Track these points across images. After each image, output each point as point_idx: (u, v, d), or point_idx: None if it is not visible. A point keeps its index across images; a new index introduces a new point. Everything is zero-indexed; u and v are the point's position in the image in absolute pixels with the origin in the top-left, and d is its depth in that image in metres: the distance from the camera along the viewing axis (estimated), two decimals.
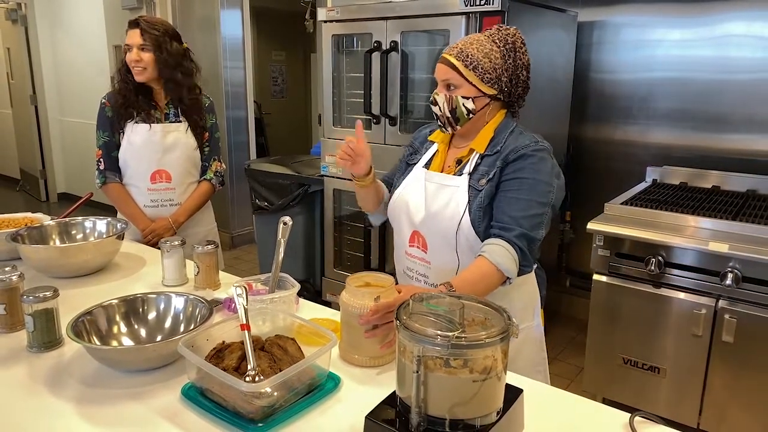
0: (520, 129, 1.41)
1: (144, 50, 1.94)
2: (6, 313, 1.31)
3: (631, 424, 0.99)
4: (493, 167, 1.36)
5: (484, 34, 1.39)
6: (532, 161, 1.33)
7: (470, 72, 1.33)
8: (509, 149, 1.35)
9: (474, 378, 0.79)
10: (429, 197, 1.43)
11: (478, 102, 1.36)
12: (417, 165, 1.51)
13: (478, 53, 1.34)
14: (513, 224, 1.30)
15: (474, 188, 1.37)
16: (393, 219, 1.54)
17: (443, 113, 1.38)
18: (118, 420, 1.02)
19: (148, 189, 2.04)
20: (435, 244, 1.42)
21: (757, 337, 1.94)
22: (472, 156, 1.40)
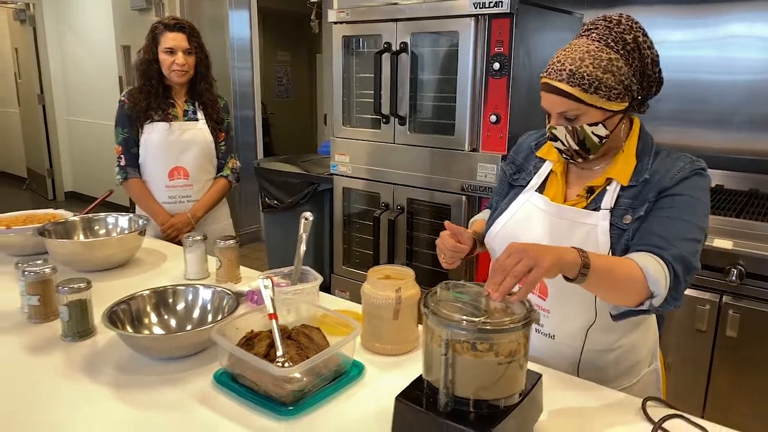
0: (666, 150, 1.19)
1: (188, 54, 2.00)
2: (40, 304, 1.37)
3: (643, 409, 1.04)
4: (640, 200, 1.13)
5: (591, 39, 1.13)
6: (693, 180, 1.12)
7: (592, 96, 1.09)
8: (665, 176, 1.12)
9: (499, 361, 0.84)
10: (555, 235, 1.18)
11: (610, 124, 1.12)
12: (526, 188, 1.28)
13: (595, 69, 1.08)
14: (667, 245, 1.06)
15: (617, 227, 1.13)
16: (495, 248, 1.29)
17: (569, 147, 1.16)
18: (155, 403, 1.07)
19: (166, 185, 2.10)
20: (561, 292, 1.19)
21: (760, 332, 1.99)
22: (612, 188, 1.16)
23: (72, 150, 6.38)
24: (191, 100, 2.12)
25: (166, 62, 2.02)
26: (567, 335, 1.21)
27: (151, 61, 2.04)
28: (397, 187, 2.77)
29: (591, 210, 1.16)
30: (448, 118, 2.57)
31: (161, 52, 2.03)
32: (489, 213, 1.37)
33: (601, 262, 0.98)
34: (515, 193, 1.30)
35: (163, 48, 2.02)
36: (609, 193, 1.15)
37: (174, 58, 2.02)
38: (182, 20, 2.06)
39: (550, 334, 1.23)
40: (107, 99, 5.56)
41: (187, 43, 2.03)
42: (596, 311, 1.17)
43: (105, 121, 5.77)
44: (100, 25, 5.42)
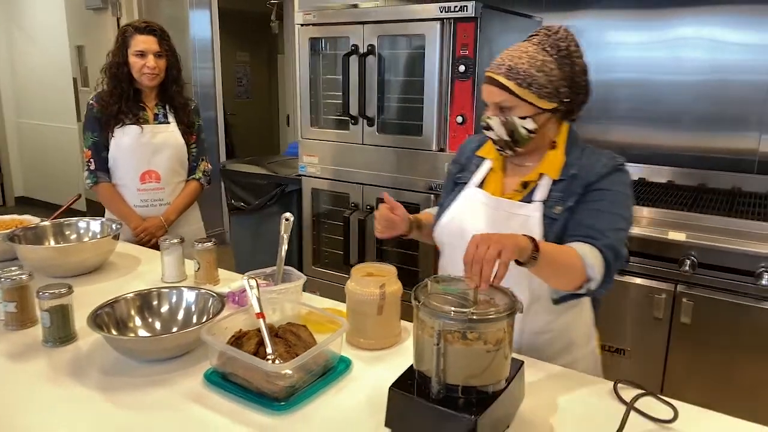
0: (591, 147, 1.31)
1: (159, 57, 1.99)
2: (17, 310, 1.35)
3: (615, 390, 1.11)
4: (569, 193, 1.25)
5: (531, 43, 1.26)
6: (615, 176, 1.25)
7: (525, 90, 1.21)
8: (590, 171, 1.25)
9: (488, 349, 0.90)
10: (494, 225, 1.29)
11: (539, 119, 1.24)
12: (468, 185, 1.38)
13: (530, 67, 1.21)
14: (600, 236, 1.17)
15: (549, 217, 1.24)
16: (443, 242, 1.41)
17: (500, 138, 1.27)
18: (146, 404, 1.08)
19: (138, 189, 2.08)
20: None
21: (712, 318, 2.12)
22: (544, 182, 1.28)
23: (23, 153, 6.15)
24: (162, 103, 2.11)
25: (136, 65, 2.01)
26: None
27: (121, 64, 2.01)
28: (366, 187, 2.82)
29: (525, 202, 1.28)
30: (415, 119, 2.63)
31: (131, 55, 2.01)
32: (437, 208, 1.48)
33: (547, 249, 1.08)
34: (459, 189, 1.40)
35: (133, 51, 2.00)
36: (541, 186, 1.27)
37: (145, 62, 2.00)
38: (153, 23, 2.05)
39: None
40: (61, 100, 5.40)
41: (158, 46, 2.02)
42: (530, 295, 1.27)
43: (59, 123, 5.60)
44: (52, 25, 5.25)
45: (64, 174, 5.65)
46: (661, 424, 1.01)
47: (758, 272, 2.00)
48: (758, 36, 2.61)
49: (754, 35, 2.62)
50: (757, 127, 2.68)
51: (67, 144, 5.50)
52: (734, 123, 2.74)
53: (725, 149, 2.77)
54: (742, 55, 2.66)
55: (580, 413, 1.05)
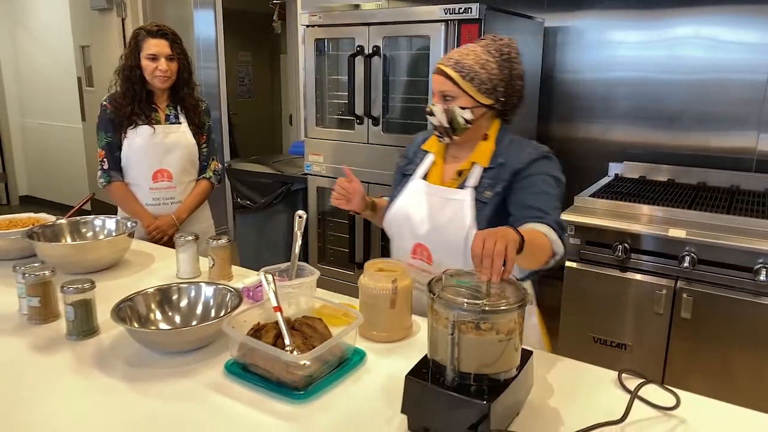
0: (518, 139, 1.46)
1: (171, 60, 2.03)
2: (40, 305, 1.39)
3: (619, 379, 1.16)
4: (499, 180, 1.40)
5: (479, 45, 1.43)
6: (542, 162, 1.40)
7: (467, 83, 1.37)
8: (516, 159, 1.40)
9: (500, 339, 0.95)
10: (433, 211, 1.45)
11: (476, 112, 1.39)
12: (414, 176, 1.54)
13: (474, 64, 1.37)
14: (545, 215, 1.31)
15: (480, 201, 1.40)
16: (392, 230, 1.56)
17: (441, 124, 1.41)
18: (170, 393, 1.13)
19: (150, 188, 2.12)
20: (440, 257, 1.45)
21: (711, 313, 2.17)
22: (475, 170, 1.43)
23: (27, 153, 6.19)
24: (173, 104, 2.15)
25: (148, 68, 2.05)
26: None
27: (134, 67, 2.06)
28: (371, 185, 2.86)
29: (459, 188, 1.43)
30: (420, 119, 2.67)
31: (144, 58, 2.05)
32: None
33: (527, 237, 1.14)
34: (406, 181, 1.55)
35: (145, 54, 2.05)
36: (473, 174, 1.44)
37: (157, 65, 2.04)
38: (165, 27, 2.09)
39: None
40: (65, 100, 5.44)
41: (170, 49, 2.06)
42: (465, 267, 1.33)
43: (63, 122, 5.64)
44: (56, 25, 5.29)
45: (68, 173, 5.69)
46: (664, 411, 1.06)
47: (756, 268, 2.05)
48: (757, 35, 2.66)
49: (752, 34, 2.67)
50: (756, 126, 2.73)
51: (71, 143, 5.54)
52: (733, 122, 2.78)
53: (724, 148, 2.82)
54: (741, 54, 2.71)
55: (586, 401, 1.10)
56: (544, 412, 1.06)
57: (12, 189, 6.20)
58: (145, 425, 1.03)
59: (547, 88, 3.19)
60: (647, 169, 2.94)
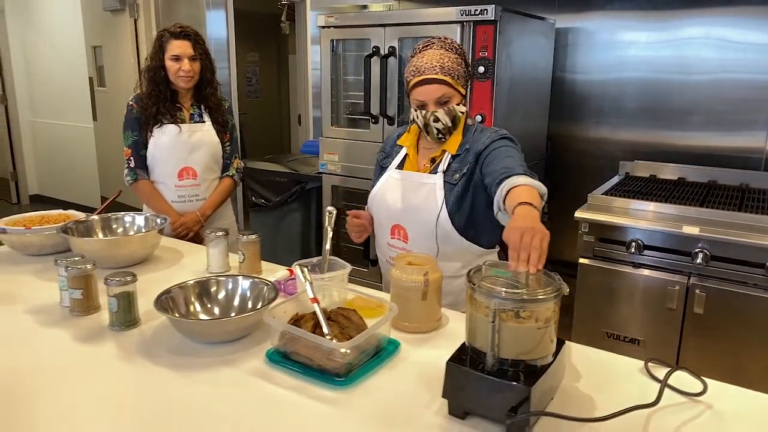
0: (480, 126, 1.65)
1: (194, 60, 2.08)
2: (83, 297, 1.44)
3: (646, 367, 1.21)
4: (465, 163, 1.58)
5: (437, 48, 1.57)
6: (500, 141, 1.57)
7: (456, 81, 1.55)
8: (478, 143, 1.58)
9: (539, 326, 1.00)
10: (408, 195, 1.64)
11: (462, 104, 1.59)
12: (390, 167, 1.72)
13: (453, 64, 1.54)
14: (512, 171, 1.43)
15: (449, 183, 1.59)
16: (374, 215, 1.75)
17: (445, 125, 1.57)
18: (216, 380, 1.18)
19: (176, 185, 2.17)
20: (415, 235, 1.64)
21: (724, 308, 2.22)
22: (445, 156, 1.62)
23: (37, 152, 6.24)
24: (197, 103, 2.20)
25: (172, 69, 2.10)
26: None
27: (158, 68, 2.11)
28: None
29: (431, 174, 1.61)
30: None
31: (167, 59, 2.10)
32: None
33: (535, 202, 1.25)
34: (383, 172, 1.74)
35: (169, 55, 2.10)
36: (443, 161, 1.61)
37: (180, 65, 2.09)
38: (188, 28, 2.14)
39: None
40: (77, 100, 5.49)
41: (192, 50, 2.11)
42: (437, 245, 1.60)
43: (74, 122, 5.69)
44: (68, 25, 5.34)
45: (79, 173, 5.74)
46: (691, 398, 1.11)
47: None
48: (766, 36, 2.70)
49: (761, 35, 2.71)
50: (765, 125, 2.78)
51: (82, 143, 5.59)
52: (742, 122, 2.83)
53: (733, 147, 2.87)
54: (750, 55, 2.75)
55: (615, 387, 1.15)
56: (576, 397, 1.11)
57: (22, 188, 6.25)
58: (194, 408, 1.08)
59: (558, 88, 3.24)
60: (657, 168, 2.99)
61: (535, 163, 3.17)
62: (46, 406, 1.09)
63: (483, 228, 1.63)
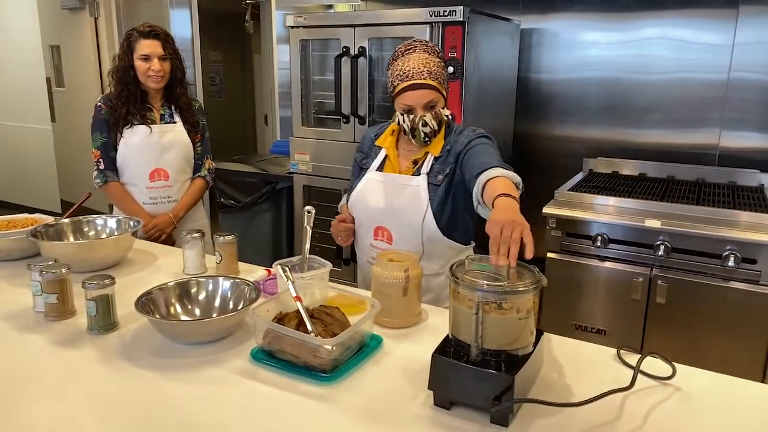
0: (459, 128, 1.68)
1: (164, 60, 2.05)
2: (58, 302, 1.42)
3: (618, 354, 1.27)
4: (447, 164, 1.62)
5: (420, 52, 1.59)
6: (478, 140, 1.60)
7: (442, 86, 1.58)
8: (458, 144, 1.61)
9: (520, 317, 1.04)
10: (391, 196, 1.66)
11: (446, 107, 1.62)
12: (370, 168, 1.73)
13: (437, 68, 1.58)
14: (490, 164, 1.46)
15: (432, 184, 1.62)
16: (354, 216, 1.75)
17: (432, 128, 1.59)
18: (203, 379, 1.18)
19: (147, 187, 2.15)
20: (400, 237, 1.66)
21: (684, 298, 2.33)
22: (428, 158, 1.65)
23: None
24: (167, 104, 2.18)
25: (141, 68, 2.07)
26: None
27: (127, 68, 2.08)
28: None
29: (414, 176, 1.64)
30: None
31: (137, 59, 2.07)
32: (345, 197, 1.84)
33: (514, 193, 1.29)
34: (363, 173, 1.73)
35: (138, 55, 2.07)
36: (426, 162, 1.64)
37: (150, 65, 2.07)
38: (157, 27, 2.12)
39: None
40: (33, 101, 5.32)
41: (162, 49, 2.09)
42: (423, 245, 1.63)
43: (31, 124, 5.51)
44: (24, 25, 5.17)
45: (37, 176, 5.57)
46: (661, 381, 1.17)
47: (725, 255, 2.21)
48: (718, 37, 2.83)
49: (714, 36, 2.84)
50: (718, 123, 2.91)
51: (39, 145, 5.42)
52: (697, 120, 2.96)
53: (689, 144, 3.00)
54: (704, 55, 2.88)
55: (591, 375, 1.20)
56: (555, 385, 1.16)
57: None
58: (182, 407, 1.09)
59: (523, 88, 3.32)
60: (619, 165, 3.10)
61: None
62: (28, 411, 1.07)
63: (463, 224, 1.68)
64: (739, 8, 2.77)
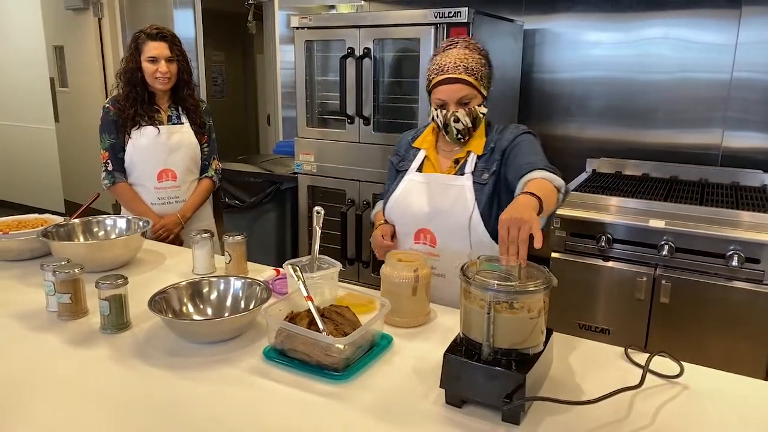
0: (501, 126, 1.66)
1: (171, 62, 2.07)
2: (71, 302, 1.43)
3: (626, 353, 1.29)
4: (491, 162, 1.59)
5: (461, 48, 1.57)
6: (523, 136, 1.59)
7: (479, 82, 1.55)
8: (503, 141, 1.59)
9: (531, 316, 1.05)
10: (435, 198, 1.61)
11: (484, 105, 1.60)
12: (409, 170, 1.69)
13: (476, 64, 1.55)
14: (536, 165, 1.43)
15: (478, 183, 1.58)
16: (393, 221, 1.71)
17: (465, 125, 1.56)
18: (216, 378, 1.20)
19: (155, 188, 2.16)
20: (445, 239, 1.61)
21: (688, 297, 2.34)
22: (471, 157, 1.61)
23: None
24: (174, 105, 2.19)
25: (149, 70, 2.09)
26: (453, 272, 1.51)
27: (135, 70, 2.10)
28: (362, 183, 2.95)
29: (458, 175, 1.60)
30: (410, 118, 2.77)
31: (144, 60, 2.09)
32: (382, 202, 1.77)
33: (540, 194, 1.28)
34: (401, 176, 1.69)
35: (146, 57, 2.09)
36: (469, 161, 1.60)
37: (157, 67, 2.08)
38: (164, 29, 2.13)
39: (442, 274, 1.62)
40: (37, 101, 5.33)
41: (170, 51, 2.11)
42: (471, 246, 1.57)
43: (35, 124, 5.52)
44: (27, 25, 5.18)
45: (41, 176, 5.58)
46: (669, 380, 1.19)
47: (728, 254, 2.23)
48: (721, 36, 2.84)
49: (716, 36, 2.85)
50: (721, 123, 2.93)
51: (43, 145, 5.44)
52: (699, 119, 2.97)
53: (692, 144, 3.01)
54: (706, 54, 2.89)
55: (599, 373, 1.22)
56: (564, 383, 1.17)
57: None
58: (195, 406, 1.10)
59: (526, 88, 3.33)
60: (622, 165, 3.11)
61: None
62: (41, 410, 1.09)
63: None
64: (742, 8, 2.79)
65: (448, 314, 1.50)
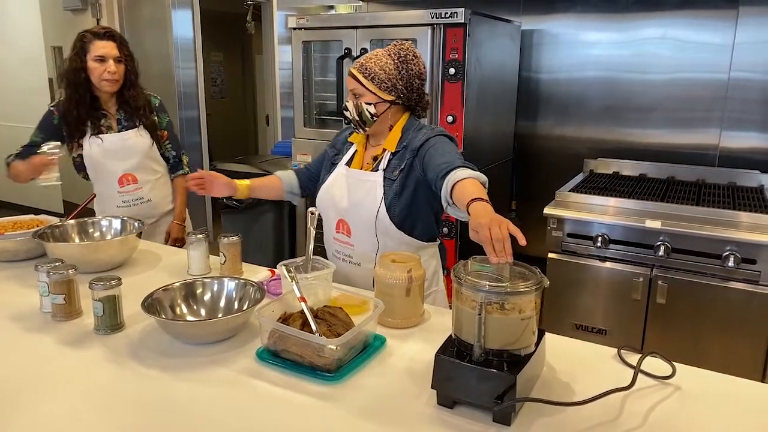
0: (420, 125, 1.71)
1: (119, 62, 2.05)
2: (65, 302, 1.44)
3: (618, 354, 1.29)
4: (403, 160, 1.66)
5: (383, 50, 1.66)
6: (436, 138, 1.63)
7: (369, 82, 1.61)
8: (415, 141, 1.65)
9: (522, 317, 1.05)
10: (351, 191, 1.71)
11: (379, 107, 1.64)
12: (340, 163, 1.79)
13: (375, 66, 1.62)
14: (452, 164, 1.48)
15: (389, 179, 1.66)
16: (321, 210, 1.78)
17: (353, 117, 1.67)
18: (208, 379, 1.20)
19: (118, 192, 2.17)
20: (357, 230, 1.71)
21: (685, 298, 2.34)
22: (385, 154, 1.69)
23: None
24: (122, 108, 2.15)
25: (96, 71, 2.03)
26: (366, 260, 1.69)
27: (79, 70, 2.03)
28: None
29: (374, 171, 1.69)
30: None
31: (90, 60, 2.03)
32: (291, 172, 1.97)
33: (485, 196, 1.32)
34: (333, 168, 1.79)
35: (92, 56, 2.02)
36: (384, 158, 1.69)
37: (105, 67, 2.03)
38: (111, 29, 2.10)
39: (357, 262, 1.73)
40: (35, 102, 5.32)
41: (118, 51, 2.06)
42: (377, 239, 1.67)
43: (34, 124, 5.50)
44: (26, 25, 5.19)
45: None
46: (661, 380, 1.19)
47: (725, 255, 2.23)
48: (718, 37, 2.84)
49: (714, 36, 2.85)
50: (718, 123, 2.93)
51: None
52: (697, 120, 2.98)
53: (690, 144, 3.02)
54: (703, 55, 2.89)
55: (591, 373, 1.22)
56: (556, 384, 1.17)
57: None
58: (189, 406, 1.10)
59: (524, 88, 3.33)
60: (620, 165, 3.11)
61: (503, 162, 3.26)
62: (36, 411, 1.09)
63: (423, 222, 1.70)
64: (739, 8, 2.79)
65: (442, 315, 1.50)
